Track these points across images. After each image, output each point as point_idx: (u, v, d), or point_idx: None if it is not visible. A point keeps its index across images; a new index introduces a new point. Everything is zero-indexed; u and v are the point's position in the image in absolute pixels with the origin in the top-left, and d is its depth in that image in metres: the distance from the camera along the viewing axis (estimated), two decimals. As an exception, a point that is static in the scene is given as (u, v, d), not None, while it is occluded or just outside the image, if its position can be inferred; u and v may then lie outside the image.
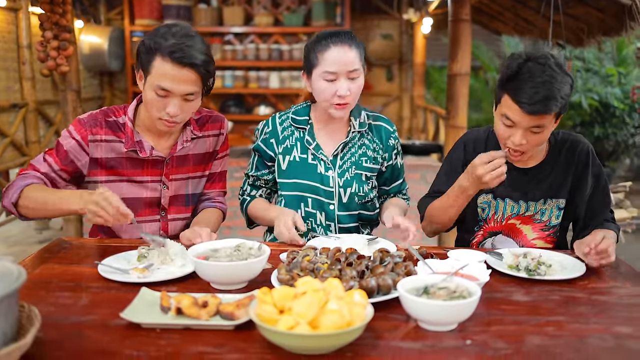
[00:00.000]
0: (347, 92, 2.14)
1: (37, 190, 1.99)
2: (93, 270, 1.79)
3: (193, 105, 2.04)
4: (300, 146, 2.32)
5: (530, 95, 1.89)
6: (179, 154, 2.19)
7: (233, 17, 8.26)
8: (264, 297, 1.34)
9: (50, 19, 4.22)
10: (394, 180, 2.45)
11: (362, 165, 2.32)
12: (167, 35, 1.94)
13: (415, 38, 8.90)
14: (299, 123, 2.34)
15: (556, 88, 1.90)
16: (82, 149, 2.09)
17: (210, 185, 2.34)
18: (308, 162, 2.30)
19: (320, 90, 2.18)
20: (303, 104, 2.40)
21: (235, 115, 8.37)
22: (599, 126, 8.62)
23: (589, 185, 2.17)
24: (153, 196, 2.19)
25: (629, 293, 1.71)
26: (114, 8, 8.69)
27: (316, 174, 2.28)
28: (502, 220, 2.22)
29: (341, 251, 1.77)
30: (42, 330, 1.34)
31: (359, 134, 2.34)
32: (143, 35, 2.03)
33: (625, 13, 4.06)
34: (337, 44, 2.14)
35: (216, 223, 2.28)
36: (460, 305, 1.39)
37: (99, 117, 2.11)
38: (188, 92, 1.97)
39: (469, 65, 4.58)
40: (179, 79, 1.94)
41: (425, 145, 6.03)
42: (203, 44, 1.98)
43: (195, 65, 1.94)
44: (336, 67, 2.13)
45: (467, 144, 2.28)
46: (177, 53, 1.91)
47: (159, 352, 1.29)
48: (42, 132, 6.62)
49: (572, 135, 2.21)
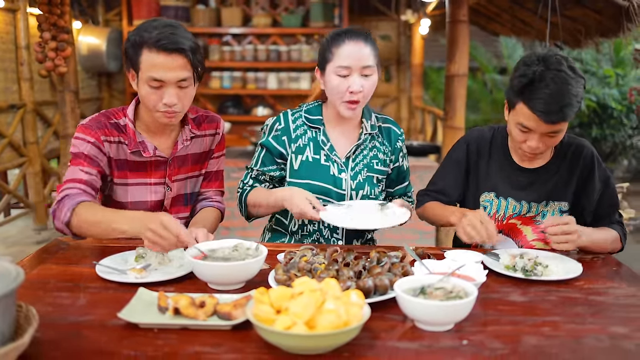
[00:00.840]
0: (360, 87, 2.12)
1: (90, 209, 1.94)
2: (91, 270, 1.79)
3: (188, 93, 2.04)
4: (314, 146, 2.28)
5: (548, 105, 1.90)
6: (180, 154, 2.20)
7: (231, 18, 8.26)
8: (261, 297, 1.34)
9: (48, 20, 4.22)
10: (399, 182, 2.44)
11: (373, 167, 2.31)
12: (150, 28, 1.96)
13: (413, 39, 8.91)
14: (313, 122, 2.29)
15: (572, 94, 1.91)
16: (99, 150, 2.06)
17: (207, 184, 2.35)
18: (321, 163, 2.26)
19: (333, 85, 2.16)
20: (314, 103, 2.36)
21: (234, 116, 8.36)
22: (596, 127, 8.64)
23: (596, 189, 2.17)
24: (157, 199, 2.20)
25: (625, 293, 1.72)
26: (112, 9, 8.69)
27: (329, 175, 2.25)
28: (503, 219, 2.23)
29: (338, 252, 1.77)
30: (40, 330, 1.35)
31: (369, 135, 2.32)
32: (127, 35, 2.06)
33: (622, 14, 4.07)
34: (352, 39, 2.14)
35: (214, 222, 2.29)
36: (457, 306, 1.39)
37: (102, 120, 2.10)
38: (181, 78, 1.98)
39: (466, 66, 4.58)
40: (169, 67, 1.95)
41: (423, 146, 6.04)
42: (187, 32, 2.00)
43: (183, 50, 1.95)
44: (350, 62, 2.11)
45: (469, 143, 2.29)
46: (163, 40, 1.93)
47: (156, 352, 1.29)
48: (40, 132, 6.62)
49: (577, 139, 2.21)
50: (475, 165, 2.27)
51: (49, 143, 6.80)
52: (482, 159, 2.26)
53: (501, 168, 2.23)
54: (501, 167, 2.23)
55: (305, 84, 8.34)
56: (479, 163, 2.26)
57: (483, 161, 2.26)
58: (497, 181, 2.22)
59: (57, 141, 6.70)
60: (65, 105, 4.49)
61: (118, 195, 2.15)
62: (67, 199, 1.97)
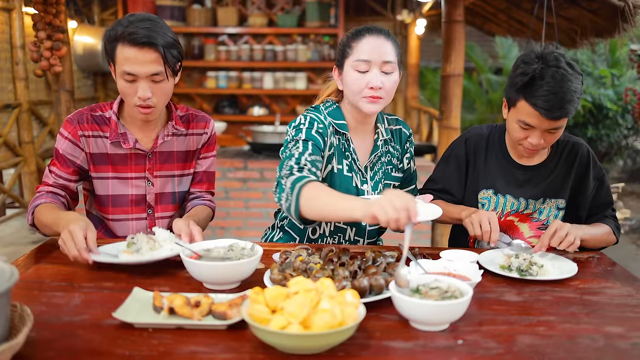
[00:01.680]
0: (380, 84, 1.98)
1: (43, 211, 2.02)
2: (86, 270, 1.79)
3: (163, 87, 2.04)
4: (338, 155, 2.11)
5: (549, 102, 1.93)
6: (161, 149, 2.21)
7: (227, 17, 8.26)
8: (256, 296, 1.34)
9: (43, 19, 4.20)
10: (405, 184, 2.33)
11: (390, 175, 2.23)
12: (126, 22, 1.98)
13: (409, 39, 8.93)
14: (340, 127, 2.10)
15: (572, 90, 1.95)
16: (76, 146, 2.12)
17: (197, 185, 2.34)
18: (344, 173, 2.11)
19: (351, 81, 2.02)
20: (331, 105, 2.16)
21: (230, 116, 8.37)
22: (592, 127, 8.66)
23: (590, 187, 2.21)
24: (138, 193, 2.21)
25: (620, 293, 1.72)
26: (108, 8, 8.69)
27: (351, 187, 2.12)
28: (501, 216, 2.24)
29: (334, 251, 1.77)
30: (35, 330, 1.35)
31: (384, 141, 2.22)
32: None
33: (618, 15, 4.08)
34: (372, 34, 2.02)
35: (206, 220, 2.28)
36: (452, 305, 1.39)
37: (84, 113, 2.15)
38: (152, 72, 1.99)
39: (462, 66, 4.59)
40: (140, 61, 1.96)
41: (419, 146, 6.03)
42: (163, 27, 2.01)
43: (154, 44, 1.96)
44: (369, 56, 1.99)
45: (468, 140, 2.31)
46: (134, 34, 1.94)
47: (151, 351, 1.29)
48: (36, 132, 6.61)
49: (573, 138, 2.25)
50: (473, 162, 2.28)
51: (44, 143, 6.78)
52: (479, 156, 2.27)
53: (499, 165, 2.24)
54: (499, 165, 2.24)
55: (301, 84, 8.35)
56: (477, 160, 2.27)
57: (481, 159, 2.27)
58: (495, 178, 2.24)
59: (53, 141, 6.69)
60: (61, 105, 4.47)
61: (99, 189, 2.19)
62: (32, 201, 2.10)
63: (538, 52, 2.03)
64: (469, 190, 2.30)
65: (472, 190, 2.28)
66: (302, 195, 1.75)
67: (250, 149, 5.61)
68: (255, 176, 5.23)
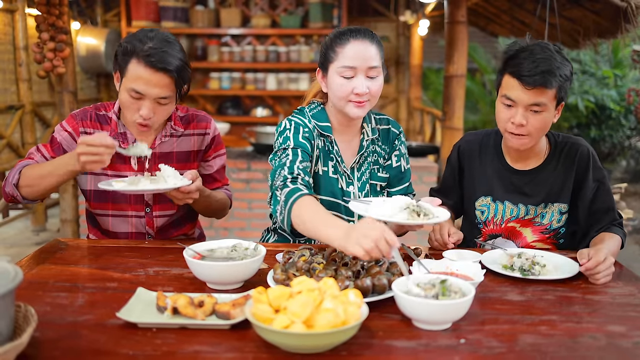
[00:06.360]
0: (366, 89, 1.99)
1: (34, 167, 2.05)
2: (90, 270, 1.80)
3: (166, 109, 2.08)
4: (323, 157, 2.12)
5: (530, 69, 1.94)
6: (160, 150, 2.21)
7: (230, 18, 8.26)
8: (259, 296, 1.34)
9: (46, 21, 4.21)
10: (397, 183, 2.27)
11: (376, 175, 2.21)
12: (145, 39, 1.99)
13: (412, 40, 8.92)
14: (324, 130, 2.12)
15: (555, 66, 1.95)
16: (74, 140, 2.15)
17: (209, 186, 2.32)
18: (329, 175, 2.12)
19: (336, 87, 2.01)
20: (316, 106, 2.17)
21: (233, 117, 8.36)
22: (595, 128, 8.64)
23: (589, 189, 2.13)
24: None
25: (622, 293, 1.72)
26: (111, 10, 8.69)
27: (337, 189, 2.12)
28: (502, 223, 2.22)
29: (336, 251, 1.77)
30: (39, 330, 1.36)
31: (370, 141, 2.21)
32: (122, 38, 2.09)
33: (620, 15, 4.08)
34: (357, 38, 2.00)
35: (219, 200, 2.31)
36: (455, 305, 1.40)
37: (89, 110, 2.19)
38: (161, 96, 2.01)
39: (465, 67, 4.59)
40: (153, 83, 1.98)
41: (422, 146, 6.03)
42: (180, 51, 2.03)
43: (169, 71, 1.97)
44: (355, 62, 1.98)
45: (460, 147, 2.31)
46: (152, 57, 1.95)
47: (155, 351, 1.30)
48: (39, 133, 6.62)
49: (572, 138, 2.19)
50: (468, 168, 2.27)
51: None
52: (473, 162, 2.26)
53: (495, 171, 2.22)
54: (495, 170, 2.22)
55: (304, 85, 8.34)
56: (471, 166, 2.26)
57: (475, 164, 2.26)
58: (492, 185, 2.22)
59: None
60: (64, 106, 4.48)
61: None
62: (16, 166, 2.11)
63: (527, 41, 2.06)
64: (466, 197, 2.30)
65: (469, 197, 2.28)
66: (293, 212, 1.78)
67: (254, 150, 5.61)
68: (259, 177, 5.23)
